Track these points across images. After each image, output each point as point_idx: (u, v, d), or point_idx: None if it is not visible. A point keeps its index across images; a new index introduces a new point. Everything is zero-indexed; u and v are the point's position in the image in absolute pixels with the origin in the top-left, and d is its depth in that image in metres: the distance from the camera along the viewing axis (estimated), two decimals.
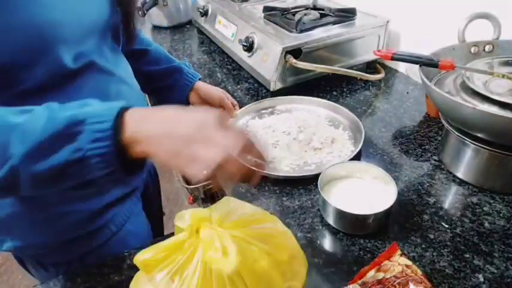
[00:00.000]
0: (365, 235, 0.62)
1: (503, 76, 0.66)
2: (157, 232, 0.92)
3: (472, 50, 0.78)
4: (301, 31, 0.99)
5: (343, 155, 0.79)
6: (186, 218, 0.43)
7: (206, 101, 0.88)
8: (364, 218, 0.60)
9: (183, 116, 0.42)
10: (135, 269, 0.58)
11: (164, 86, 0.88)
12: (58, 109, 0.42)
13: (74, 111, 0.41)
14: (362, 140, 0.80)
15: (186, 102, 0.89)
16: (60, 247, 0.65)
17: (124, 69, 0.68)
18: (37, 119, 0.41)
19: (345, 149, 0.81)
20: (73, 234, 0.65)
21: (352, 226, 0.62)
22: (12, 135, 0.40)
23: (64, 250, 0.66)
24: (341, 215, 0.61)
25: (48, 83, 0.53)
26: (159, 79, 0.88)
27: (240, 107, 0.93)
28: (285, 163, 0.77)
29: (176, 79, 0.87)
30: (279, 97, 0.97)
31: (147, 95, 1.00)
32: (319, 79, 1.03)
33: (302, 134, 0.82)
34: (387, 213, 0.61)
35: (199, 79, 0.90)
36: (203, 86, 0.89)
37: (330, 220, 0.63)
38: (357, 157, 0.77)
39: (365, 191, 0.67)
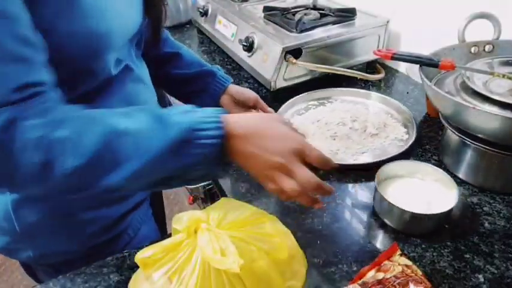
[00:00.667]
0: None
1: (503, 76, 0.66)
2: (163, 233, 0.93)
3: (472, 50, 0.78)
4: (301, 31, 0.99)
5: (400, 137, 0.82)
6: (183, 220, 0.44)
7: (240, 103, 0.84)
8: (421, 217, 0.59)
9: (278, 137, 0.49)
10: (135, 269, 0.58)
11: (195, 90, 0.85)
12: (164, 114, 0.47)
13: (185, 117, 0.46)
14: (413, 120, 0.84)
15: (217, 105, 0.85)
16: (81, 255, 0.65)
17: (145, 72, 0.71)
18: (150, 124, 0.45)
19: (398, 131, 0.84)
20: (95, 241, 0.66)
21: (408, 225, 0.61)
22: (129, 139, 0.44)
23: (85, 258, 0.65)
24: (398, 212, 0.60)
25: (95, 88, 0.56)
26: (191, 83, 0.85)
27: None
28: (351, 152, 0.79)
29: (208, 82, 0.84)
30: (308, 92, 0.98)
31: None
32: (319, 79, 1.03)
33: (356, 123, 0.84)
34: (447, 215, 0.60)
35: (232, 82, 0.87)
36: (236, 88, 0.85)
37: (385, 218, 0.63)
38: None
39: (423, 191, 0.66)
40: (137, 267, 0.58)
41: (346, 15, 1.06)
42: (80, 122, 0.44)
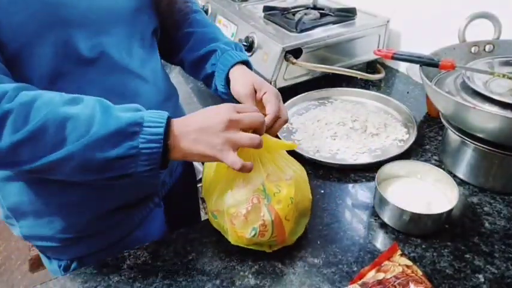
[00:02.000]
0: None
1: (503, 76, 0.66)
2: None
3: (473, 49, 0.78)
4: (301, 31, 0.99)
5: (400, 137, 0.82)
6: None
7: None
8: (420, 217, 0.59)
9: (207, 114, 0.52)
10: (135, 268, 0.58)
11: (206, 75, 0.73)
12: (116, 109, 0.49)
13: (132, 114, 0.48)
14: (413, 120, 0.84)
15: (229, 93, 0.69)
16: (69, 244, 0.65)
17: (152, 69, 0.66)
18: (94, 112, 0.47)
19: (398, 131, 0.84)
20: (82, 232, 0.65)
21: (408, 225, 0.61)
22: (69, 124, 0.46)
23: (72, 248, 0.66)
24: (398, 212, 0.60)
25: (60, 68, 0.53)
26: (200, 68, 0.74)
27: None
28: (351, 152, 0.78)
29: (212, 64, 0.71)
30: (308, 92, 0.98)
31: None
32: (319, 79, 1.03)
33: (357, 123, 0.84)
34: (447, 215, 0.60)
35: (244, 62, 0.69)
36: (234, 76, 0.67)
37: (385, 218, 0.63)
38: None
39: (423, 191, 0.66)
40: (137, 268, 0.58)
41: (346, 15, 1.06)
42: (28, 102, 0.46)
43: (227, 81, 0.69)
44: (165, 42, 0.74)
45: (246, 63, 0.71)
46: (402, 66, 1.12)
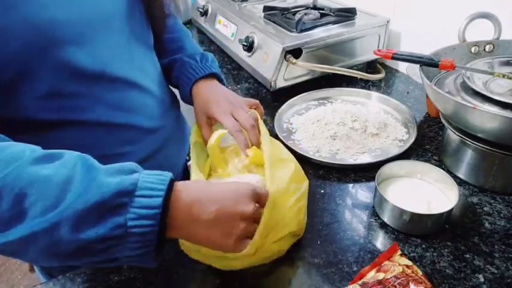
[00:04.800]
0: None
1: (503, 76, 0.66)
2: None
3: (473, 49, 0.78)
4: (302, 31, 0.99)
5: (400, 137, 0.82)
6: None
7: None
8: (422, 217, 0.59)
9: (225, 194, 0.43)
10: (135, 268, 0.58)
11: (174, 86, 0.71)
12: (103, 170, 0.37)
13: (123, 178, 0.37)
14: (413, 120, 0.84)
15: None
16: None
17: (153, 77, 0.63)
18: (73, 174, 0.35)
19: (398, 131, 0.84)
20: None
21: (408, 225, 0.61)
22: (34, 191, 0.34)
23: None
24: (398, 212, 0.60)
25: (62, 89, 0.50)
26: (167, 76, 0.71)
27: None
28: (351, 152, 0.78)
29: (176, 77, 0.69)
30: (308, 92, 0.97)
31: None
32: (319, 79, 1.03)
33: (357, 123, 0.84)
34: (447, 215, 0.60)
35: (211, 75, 0.68)
36: (200, 93, 0.65)
37: (385, 218, 0.63)
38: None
39: (423, 191, 0.66)
40: (137, 268, 0.58)
41: (347, 15, 1.06)
42: None
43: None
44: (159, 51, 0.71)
45: (214, 75, 0.68)
46: (402, 66, 1.12)
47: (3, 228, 0.34)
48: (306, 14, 1.08)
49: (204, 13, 1.36)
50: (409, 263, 0.52)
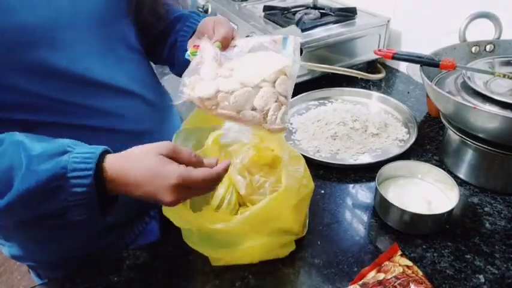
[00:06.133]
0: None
1: (504, 76, 0.66)
2: None
3: (473, 49, 0.78)
4: (302, 30, 0.99)
5: (401, 137, 0.82)
6: None
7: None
8: (422, 218, 0.59)
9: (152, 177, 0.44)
10: (135, 269, 0.58)
11: (171, 44, 0.68)
12: (34, 156, 0.42)
13: (54, 163, 0.42)
14: (413, 120, 0.84)
15: None
16: (58, 265, 0.64)
17: (137, 78, 0.62)
18: (11, 162, 0.42)
19: (398, 131, 0.84)
20: (72, 254, 0.64)
21: (409, 226, 0.61)
22: None
23: (63, 267, 0.65)
24: (399, 213, 0.60)
25: (36, 88, 0.50)
26: (163, 44, 0.69)
27: None
28: (352, 152, 0.78)
29: (177, 33, 0.67)
30: (308, 92, 0.97)
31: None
32: (319, 79, 1.03)
33: (357, 123, 0.84)
34: (447, 216, 0.60)
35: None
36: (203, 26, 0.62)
37: (386, 218, 0.63)
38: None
39: (424, 191, 0.66)
40: (137, 268, 0.58)
41: (347, 14, 1.06)
42: None
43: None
44: (150, 46, 0.70)
45: None
46: (402, 66, 1.11)
47: None
48: (306, 13, 1.08)
49: (204, 12, 1.35)
50: (410, 263, 0.52)
